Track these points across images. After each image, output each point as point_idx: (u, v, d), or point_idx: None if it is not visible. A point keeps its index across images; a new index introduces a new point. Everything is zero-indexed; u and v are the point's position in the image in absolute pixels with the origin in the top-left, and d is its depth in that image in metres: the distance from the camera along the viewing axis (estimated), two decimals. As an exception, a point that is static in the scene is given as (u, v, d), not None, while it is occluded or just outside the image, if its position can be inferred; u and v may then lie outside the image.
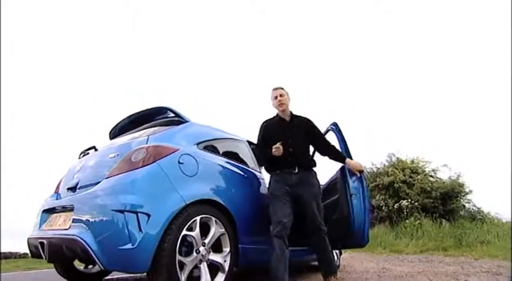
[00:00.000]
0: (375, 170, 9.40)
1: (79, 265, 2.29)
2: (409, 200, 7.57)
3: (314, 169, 2.23)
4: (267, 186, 2.21)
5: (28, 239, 1.89)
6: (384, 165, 9.25)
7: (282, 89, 2.22)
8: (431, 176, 8.46)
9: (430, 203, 7.52)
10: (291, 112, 2.25)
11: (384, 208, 7.98)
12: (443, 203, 7.62)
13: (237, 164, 2.17)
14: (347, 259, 5.05)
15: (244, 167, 2.26)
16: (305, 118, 2.28)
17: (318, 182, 2.20)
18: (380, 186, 8.49)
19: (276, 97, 2.19)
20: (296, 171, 2.09)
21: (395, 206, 7.73)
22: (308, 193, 2.06)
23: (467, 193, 7.81)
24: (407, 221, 6.96)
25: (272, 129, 2.20)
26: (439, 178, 8.35)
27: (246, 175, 2.17)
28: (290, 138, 2.12)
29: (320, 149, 2.34)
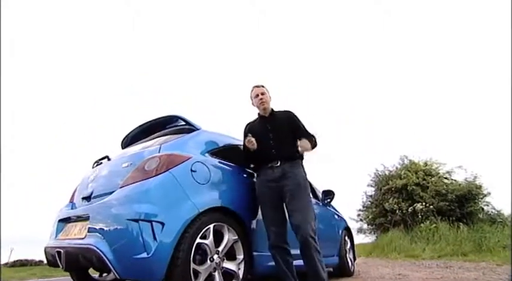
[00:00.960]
0: (386, 173, 9.25)
1: (93, 273, 2.31)
2: (424, 204, 7.38)
3: (300, 161, 2.04)
4: None
5: (45, 248, 1.92)
6: (396, 167, 9.10)
7: (263, 87, 2.15)
8: (445, 178, 8.25)
9: (446, 206, 7.31)
10: (272, 109, 2.15)
11: (397, 211, 7.81)
12: (460, 206, 7.40)
13: (248, 170, 2.16)
14: (361, 264, 4.95)
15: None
16: (286, 111, 2.16)
17: (305, 175, 1.99)
18: (393, 189, 8.33)
19: (258, 95, 2.10)
20: (278, 164, 1.93)
21: (409, 210, 7.55)
22: (291, 187, 1.86)
23: (485, 195, 7.56)
24: (422, 225, 6.78)
25: (254, 130, 2.10)
26: (455, 180, 8.13)
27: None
28: (271, 132, 2.03)
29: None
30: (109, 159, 2.07)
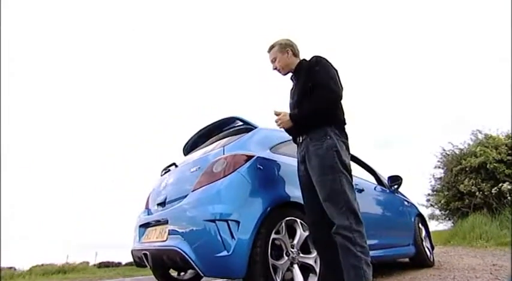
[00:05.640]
0: (456, 152, 8.22)
1: (172, 272, 2.50)
2: (513, 183, 6.33)
3: (327, 129, 1.43)
4: None
5: (132, 251, 2.13)
6: (468, 144, 8.03)
7: (273, 46, 1.66)
8: (541, 150, 6.95)
9: (544, 184, 6.16)
10: (298, 63, 1.64)
11: (477, 193, 6.86)
12: None
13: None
14: (440, 254, 4.47)
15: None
16: (307, 62, 1.58)
17: (331, 147, 1.38)
18: (467, 169, 7.35)
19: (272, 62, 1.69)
20: (301, 139, 1.54)
21: (492, 191, 6.57)
22: (313, 170, 1.42)
23: None
24: (513, 207, 5.83)
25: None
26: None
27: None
28: (293, 97, 1.60)
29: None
30: (176, 166, 2.20)
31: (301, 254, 1.64)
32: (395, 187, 3.28)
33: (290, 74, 1.70)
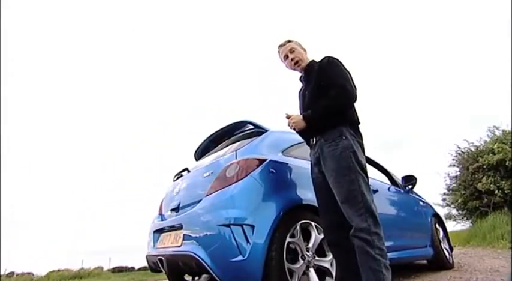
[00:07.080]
0: (472, 149, 8.00)
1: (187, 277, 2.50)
2: (533, 180, 6.10)
3: (342, 129, 1.41)
4: None
5: (147, 256, 2.15)
6: (485, 141, 7.80)
7: (290, 41, 1.66)
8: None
9: None
10: (309, 63, 1.65)
11: (496, 192, 6.64)
12: None
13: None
14: (459, 255, 4.34)
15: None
16: (318, 63, 1.59)
17: (348, 148, 1.36)
18: (485, 167, 7.13)
19: (287, 56, 1.64)
20: (314, 141, 1.52)
21: (513, 189, 6.34)
22: (329, 173, 1.39)
23: None
24: (535, 205, 5.60)
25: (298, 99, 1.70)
26: None
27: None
28: (304, 97, 1.59)
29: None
30: (189, 171, 2.22)
31: (316, 258, 1.62)
32: (410, 186, 3.21)
33: (299, 75, 1.73)
